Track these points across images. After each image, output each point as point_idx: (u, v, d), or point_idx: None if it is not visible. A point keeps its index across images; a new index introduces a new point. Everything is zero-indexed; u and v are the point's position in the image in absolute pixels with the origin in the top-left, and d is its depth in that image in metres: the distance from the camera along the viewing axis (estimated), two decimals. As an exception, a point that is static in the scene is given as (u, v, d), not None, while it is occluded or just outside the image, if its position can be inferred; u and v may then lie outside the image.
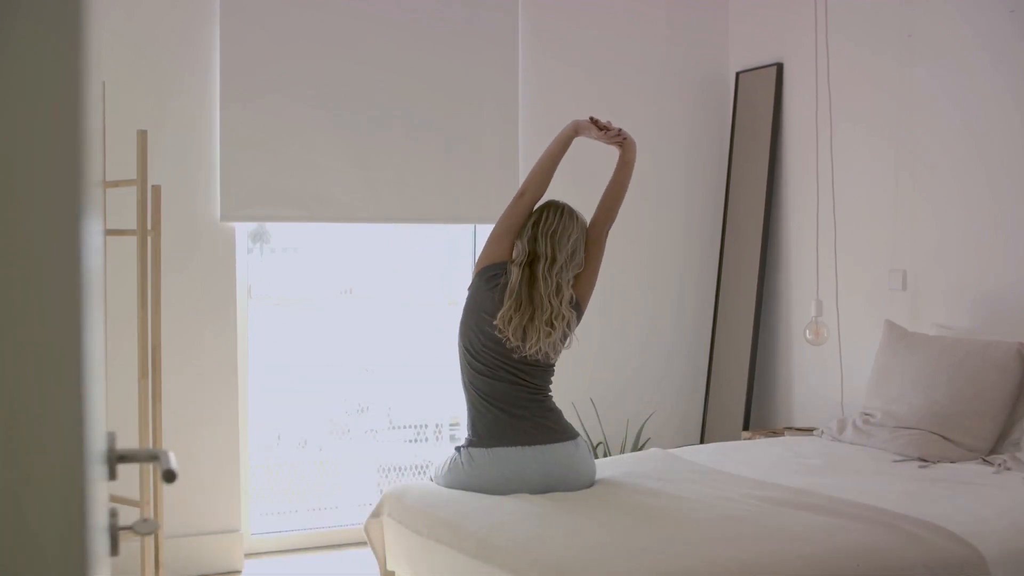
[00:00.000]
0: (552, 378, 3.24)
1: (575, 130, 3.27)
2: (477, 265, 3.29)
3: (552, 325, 3.10)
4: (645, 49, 5.03)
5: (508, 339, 3.09)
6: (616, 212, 3.33)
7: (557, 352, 3.17)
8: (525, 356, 3.11)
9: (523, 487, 3.06)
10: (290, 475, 4.70)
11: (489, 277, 3.19)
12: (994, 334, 3.79)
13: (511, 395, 3.14)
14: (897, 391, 3.80)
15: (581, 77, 4.90)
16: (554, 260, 3.14)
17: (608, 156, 5.05)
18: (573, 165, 4.89)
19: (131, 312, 3.64)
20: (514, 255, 3.20)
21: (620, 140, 3.34)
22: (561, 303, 3.12)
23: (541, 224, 3.17)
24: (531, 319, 3.10)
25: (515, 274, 3.13)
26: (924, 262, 4.18)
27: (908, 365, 3.81)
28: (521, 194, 3.25)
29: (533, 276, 3.13)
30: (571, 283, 3.18)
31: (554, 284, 3.12)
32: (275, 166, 4.29)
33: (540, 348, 3.10)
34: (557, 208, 3.21)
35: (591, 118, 3.30)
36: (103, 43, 3.84)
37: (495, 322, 3.10)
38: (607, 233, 3.30)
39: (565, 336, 3.16)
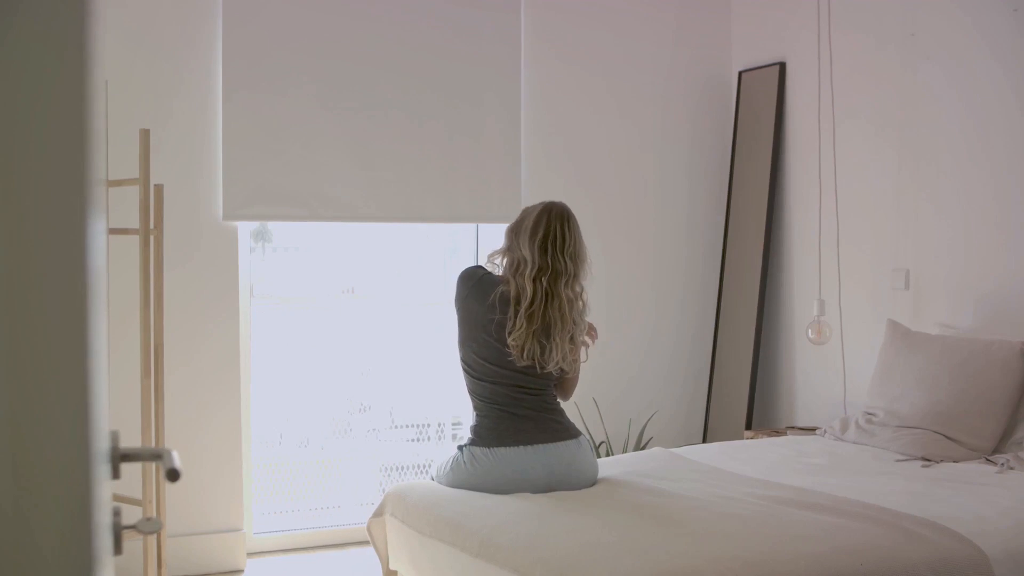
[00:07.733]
0: (554, 382, 3.22)
1: None
2: (461, 289, 3.20)
3: (574, 341, 3.12)
4: (647, 48, 5.03)
5: (520, 359, 3.06)
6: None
7: (575, 363, 3.18)
8: (536, 367, 3.10)
9: (525, 486, 3.06)
10: (292, 474, 4.70)
11: (480, 292, 3.16)
12: (997, 333, 3.79)
13: (513, 398, 3.14)
14: (900, 390, 3.80)
15: (583, 76, 4.90)
16: (575, 275, 3.11)
17: (611, 160, 5.04)
18: (574, 164, 4.91)
19: (133, 311, 3.64)
20: (514, 265, 3.14)
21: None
22: (583, 317, 3.13)
23: (557, 241, 3.09)
24: (547, 336, 3.07)
25: (530, 289, 3.06)
26: (927, 261, 4.17)
27: (911, 364, 3.81)
28: None
29: (552, 294, 3.07)
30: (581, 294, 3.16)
31: (580, 301, 3.10)
32: (277, 165, 4.29)
33: (558, 362, 3.09)
34: (564, 219, 3.13)
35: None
36: (106, 42, 3.84)
37: (508, 348, 3.07)
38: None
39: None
